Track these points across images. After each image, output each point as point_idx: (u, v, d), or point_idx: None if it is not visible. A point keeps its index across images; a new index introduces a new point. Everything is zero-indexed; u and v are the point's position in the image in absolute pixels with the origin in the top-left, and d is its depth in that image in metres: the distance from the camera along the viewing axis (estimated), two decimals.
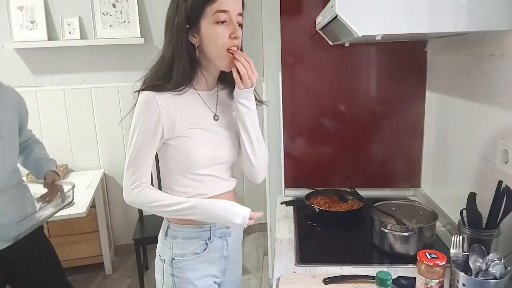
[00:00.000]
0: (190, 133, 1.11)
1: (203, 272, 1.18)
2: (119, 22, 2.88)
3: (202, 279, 1.18)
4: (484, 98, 1.20)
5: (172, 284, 1.17)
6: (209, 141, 1.14)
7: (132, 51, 2.92)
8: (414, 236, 1.22)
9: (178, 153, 1.12)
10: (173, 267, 1.16)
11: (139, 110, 1.09)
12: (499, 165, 1.10)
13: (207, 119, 1.16)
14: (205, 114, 1.16)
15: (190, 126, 1.11)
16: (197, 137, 1.12)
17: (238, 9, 1.07)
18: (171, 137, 1.10)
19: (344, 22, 0.99)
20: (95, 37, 2.86)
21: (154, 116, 1.07)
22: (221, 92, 1.22)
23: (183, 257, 1.16)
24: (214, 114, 1.17)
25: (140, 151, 1.10)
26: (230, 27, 1.06)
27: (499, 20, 0.99)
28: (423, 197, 1.69)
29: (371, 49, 1.70)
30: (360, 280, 1.09)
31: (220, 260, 1.22)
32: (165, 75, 1.08)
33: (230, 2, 1.05)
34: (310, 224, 1.53)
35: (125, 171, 1.12)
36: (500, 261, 0.90)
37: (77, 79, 2.97)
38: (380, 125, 1.74)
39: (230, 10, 1.05)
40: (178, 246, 1.16)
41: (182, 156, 1.11)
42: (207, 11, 1.04)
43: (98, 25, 2.86)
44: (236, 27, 1.06)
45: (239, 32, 1.07)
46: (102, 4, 2.84)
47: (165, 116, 1.08)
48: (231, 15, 1.05)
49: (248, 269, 2.90)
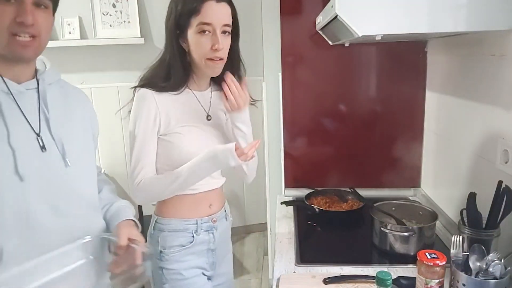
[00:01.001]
0: (184, 130, 1.16)
1: (190, 263, 1.22)
2: (119, 22, 2.88)
3: (189, 270, 1.22)
4: (484, 98, 1.20)
5: (161, 277, 1.20)
6: (201, 138, 1.18)
7: (132, 51, 2.92)
8: (414, 236, 1.22)
9: (171, 148, 1.15)
10: (161, 260, 1.20)
11: (138, 105, 1.14)
12: (499, 165, 1.10)
13: (200, 118, 1.21)
14: (199, 114, 1.21)
15: (184, 124, 1.16)
16: (190, 133, 1.16)
17: (224, 20, 1.11)
18: (165, 133, 1.15)
19: (344, 22, 0.99)
20: (95, 37, 2.86)
21: (152, 110, 1.13)
22: (215, 93, 1.26)
23: (170, 249, 1.19)
24: (207, 114, 1.22)
25: (144, 144, 1.14)
26: (213, 38, 1.10)
27: (499, 20, 0.99)
28: (423, 197, 1.69)
29: (371, 49, 1.70)
30: (360, 280, 1.09)
31: (207, 253, 1.25)
32: (164, 76, 1.14)
33: (213, 14, 1.09)
34: (310, 224, 1.53)
35: (132, 172, 1.15)
36: (500, 261, 0.90)
37: (77, 79, 2.96)
38: (380, 125, 1.74)
39: (213, 23, 1.09)
40: (165, 239, 1.20)
41: (175, 151, 1.15)
42: (192, 21, 1.09)
43: (98, 25, 2.86)
44: (218, 39, 1.09)
45: (221, 44, 1.10)
46: (102, 4, 2.83)
47: (162, 112, 1.13)
48: (214, 27, 1.09)
49: (248, 269, 2.90)
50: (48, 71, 0.99)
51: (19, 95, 0.91)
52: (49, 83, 0.98)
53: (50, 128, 0.94)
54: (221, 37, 1.10)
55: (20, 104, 0.91)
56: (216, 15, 1.09)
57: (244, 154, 1.07)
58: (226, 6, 1.12)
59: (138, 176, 1.14)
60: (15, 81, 0.91)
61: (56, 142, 0.94)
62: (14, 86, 0.91)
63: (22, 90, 0.92)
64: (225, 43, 1.13)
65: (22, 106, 0.92)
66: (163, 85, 1.14)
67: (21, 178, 0.87)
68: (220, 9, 1.10)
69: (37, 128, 0.93)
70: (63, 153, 0.95)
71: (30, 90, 0.94)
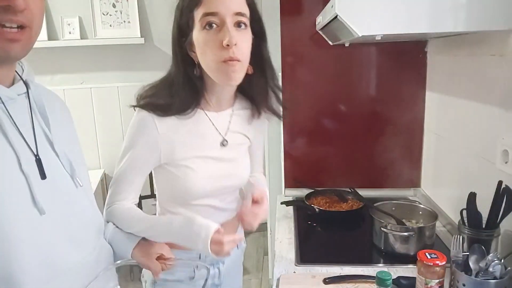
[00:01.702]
0: (192, 163, 0.97)
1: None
2: (119, 22, 2.88)
3: None
4: (484, 98, 1.20)
5: None
6: (212, 172, 0.99)
7: (132, 51, 2.92)
8: (414, 236, 1.22)
9: (176, 181, 0.98)
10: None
11: (134, 132, 0.95)
12: (499, 165, 1.10)
13: (213, 145, 1.00)
14: (212, 140, 1.00)
15: (193, 155, 0.97)
16: (199, 168, 0.97)
17: (235, 7, 0.87)
18: (169, 162, 0.97)
19: (344, 22, 0.99)
20: (95, 37, 2.85)
21: (150, 141, 0.94)
22: (238, 112, 1.04)
23: (165, 282, 1.02)
24: (222, 139, 1.01)
25: (130, 171, 0.97)
26: (223, 32, 0.86)
27: (499, 20, 0.99)
28: (423, 197, 1.69)
29: (371, 49, 1.70)
30: (360, 280, 1.09)
31: None
32: (167, 95, 0.94)
33: (220, 1, 0.86)
34: (310, 224, 1.53)
35: (108, 194, 1.00)
36: (500, 261, 0.90)
37: (77, 79, 2.96)
38: (380, 125, 1.74)
39: (220, 12, 0.85)
40: None
41: (180, 185, 0.98)
42: (195, 16, 0.88)
43: (98, 25, 2.85)
44: (228, 33, 0.85)
45: (234, 38, 0.85)
46: (102, 4, 2.83)
47: (163, 141, 0.94)
48: (222, 17, 0.86)
49: (248, 269, 2.90)
50: (29, 71, 0.77)
51: (10, 102, 0.69)
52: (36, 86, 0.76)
53: (53, 143, 0.75)
54: (233, 30, 0.86)
55: (12, 114, 0.68)
56: (223, 2, 0.86)
57: (220, 244, 0.84)
58: None
59: (112, 199, 0.98)
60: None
61: (61, 160, 0.75)
62: (4, 91, 0.68)
63: (13, 96, 0.69)
64: (240, 39, 0.87)
65: (15, 117, 0.68)
66: (166, 107, 0.92)
67: (40, 212, 0.67)
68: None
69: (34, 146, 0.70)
70: (72, 172, 0.77)
71: (21, 96, 0.72)
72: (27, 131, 0.70)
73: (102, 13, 2.85)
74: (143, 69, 2.83)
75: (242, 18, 0.88)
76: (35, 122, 0.73)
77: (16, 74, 0.73)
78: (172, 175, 0.98)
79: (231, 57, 0.86)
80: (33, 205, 0.67)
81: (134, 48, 2.91)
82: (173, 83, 0.94)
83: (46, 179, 0.70)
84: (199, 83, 0.94)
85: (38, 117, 0.74)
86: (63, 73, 2.95)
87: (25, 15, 0.63)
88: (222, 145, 1.01)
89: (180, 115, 0.94)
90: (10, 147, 0.66)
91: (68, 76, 2.96)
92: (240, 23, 0.88)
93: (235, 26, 0.87)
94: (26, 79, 0.74)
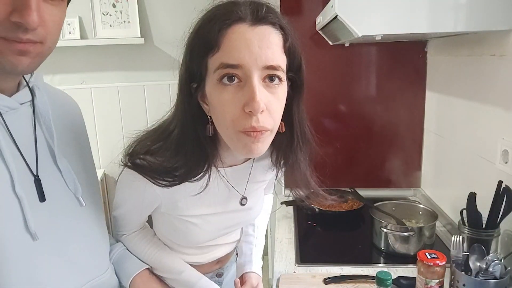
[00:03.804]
0: (200, 221, 0.83)
1: None
2: (119, 22, 2.88)
3: None
4: (484, 98, 1.20)
5: None
6: (221, 223, 0.87)
7: (132, 51, 2.92)
8: (414, 236, 1.22)
9: (177, 231, 0.86)
10: None
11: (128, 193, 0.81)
12: (499, 165, 1.10)
13: (230, 205, 0.85)
14: (229, 200, 0.84)
15: (201, 213, 0.82)
16: (208, 224, 0.84)
17: (266, 59, 0.62)
18: (171, 214, 0.83)
19: (344, 22, 0.99)
20: (95, 37, 2.85)
21: (146, 202, 0.80)
22: (259, 163, 0.85)
23: None
24: (241, 197, 0.85)
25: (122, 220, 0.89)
26: (246, 91, 0.62)
27: (499, 20, 0.99)
28: (423, 197, 1.69)
29: (371, 49, 1.70)
30: (360, 280, 1.09)
31: None
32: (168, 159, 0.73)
33: (245, 48, 0.62)
34: (310, 224, 1.53)
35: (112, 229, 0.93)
36: (500, 261, 0.90)
37: (77, 79, 2.96)
38: (380, 125, 1.74)
39: (245, 65, 0.62)
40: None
41: (181, 236, 0.86)
42: (210, 64, 0.65)
43: (98, 25, 2.86)
44: (254, 94, 0.61)
45: (261, 102, 0.61)
46: (102, 4, 2.83)
47: (165, 198, 0.79)
48: (247, 71, 0.62)
49: None
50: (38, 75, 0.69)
51: (10, 113, 0.62)
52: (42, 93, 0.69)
53: (56, 158, 0.68)
54: (261, 89, 0.63)
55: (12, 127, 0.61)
56: (250, 50, 0.61)
57: None
58: (271, 32, 0.64)
59: (120, 232, 0.92)
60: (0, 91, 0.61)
61: (64, 177, 0.69)
62: (4, 101, 0.61)
63: (14, 106, 0.62)
64: (271, 100, 0.64)
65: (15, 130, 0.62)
66: (170, 176, 0.72)
67: (33, 237, 0.62)
68: (259, 39, 0.62)
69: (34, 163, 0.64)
70: (76, 190, 0.70)
71: (24, 105, 0.65)
72: (28, 146, 0.65)
73: (102, 13, 2.85)
74: (143, 69, 2.82)
75: (275, 72, 0.64)
76: (38, 134, 0.67)
77: (23, 79, 0.67)
78: (172, 225, 0.85)
79: (254, 127, 0.63)
80: (26, 230, 0.61)
81: (134, 48, 2.91)
82: (176, 141, 0.72)
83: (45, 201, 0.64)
84: (211, 143, 0.73)
85: (42, 127, 0.67)
86: (63, 73, 2.95)
87: (37, 33, 0.56)
88: (241, 205, 0.86)
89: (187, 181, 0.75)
90: (4, 166, 0.60)
91: (68, 76, 2.96)
92: (272, 77, 0.65)
93: (264, 81, 0.64)
94: (32, 86, 0.67)
